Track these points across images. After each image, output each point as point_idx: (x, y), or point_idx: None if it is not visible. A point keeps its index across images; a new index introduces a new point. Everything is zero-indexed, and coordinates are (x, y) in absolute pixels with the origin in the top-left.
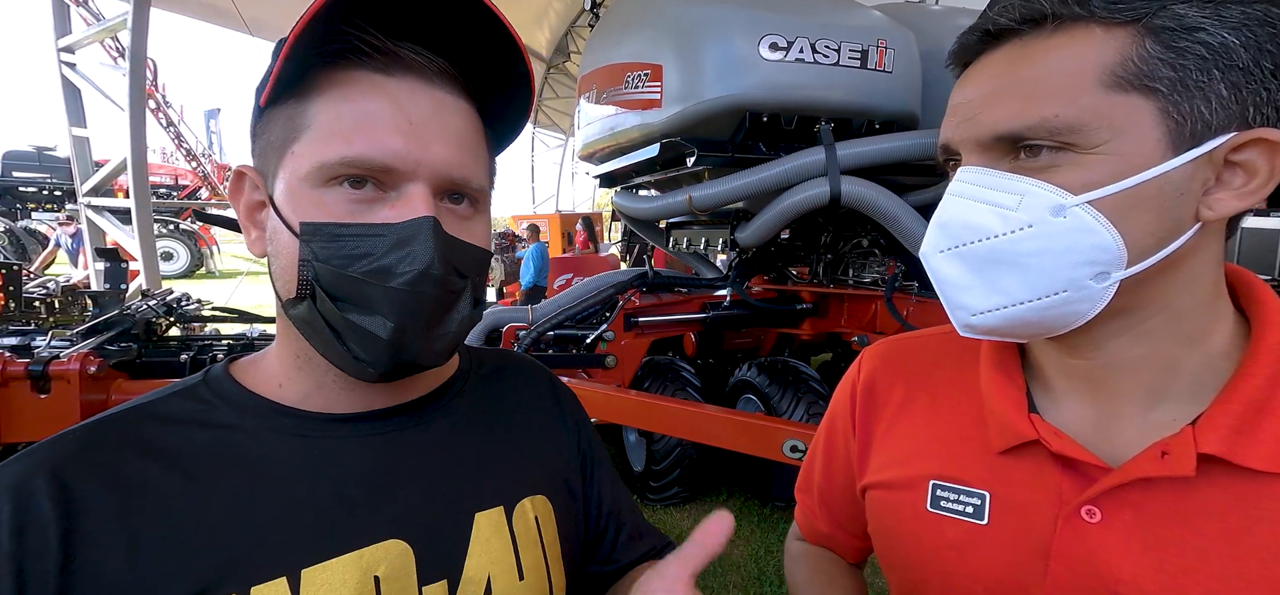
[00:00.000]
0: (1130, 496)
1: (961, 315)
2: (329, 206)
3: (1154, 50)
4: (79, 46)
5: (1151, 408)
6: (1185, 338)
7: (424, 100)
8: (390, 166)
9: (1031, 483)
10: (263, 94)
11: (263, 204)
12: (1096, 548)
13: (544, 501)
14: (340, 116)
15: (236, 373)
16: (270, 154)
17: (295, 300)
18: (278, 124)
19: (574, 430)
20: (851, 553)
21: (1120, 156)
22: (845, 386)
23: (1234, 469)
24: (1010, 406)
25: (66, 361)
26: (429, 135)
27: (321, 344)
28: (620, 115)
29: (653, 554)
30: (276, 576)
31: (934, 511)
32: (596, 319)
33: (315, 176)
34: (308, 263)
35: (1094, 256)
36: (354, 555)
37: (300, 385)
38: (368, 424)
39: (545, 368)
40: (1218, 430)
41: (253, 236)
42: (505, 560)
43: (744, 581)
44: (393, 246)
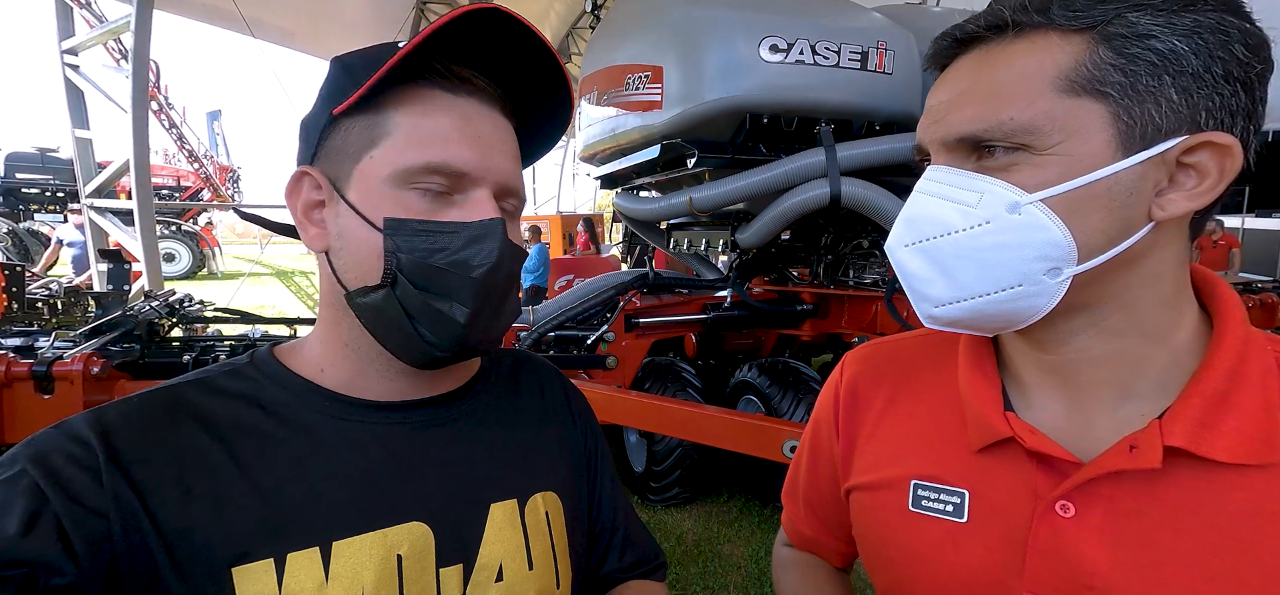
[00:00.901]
0: (1102, 490)
1: (925, 307)
2: (408, 205)
3: (1106, 56)
4: (82, 48)
5: (1121, 404)
6: (1148, 335)
7: (485, 119)
8: (464, 172)
9: (1009, 480)
10: (339, 105)
11: (322, 203)
12: (1071, 541)
13: (554, 498)
14: (420, 127)
15: (281, 356)
16: (343, 158)
17: (371, 288)
18: (354, 132)
19: (583, 432)
20: (837, 556)
21: (1072, 157)
22: (828, 390)
23: (1198, 461)
24: (987, 405)
25: (70, 362)
26: (493, 149)
27: (387, 330)
28: (621, 117)
29: (642, 565)
30: (310, 546)
31: (916, 511)
32: (597, 320)
33: (397, 179)
34: (392, 253)
35: (1046, 252)
36: (380, 533)
37: (342, 372)
38: (399, 412)
39: (557, 369)
40: (1182, 423)
41: (312, 233)
42: (517, 550)
43: (744, 582)
44: (469, 242)
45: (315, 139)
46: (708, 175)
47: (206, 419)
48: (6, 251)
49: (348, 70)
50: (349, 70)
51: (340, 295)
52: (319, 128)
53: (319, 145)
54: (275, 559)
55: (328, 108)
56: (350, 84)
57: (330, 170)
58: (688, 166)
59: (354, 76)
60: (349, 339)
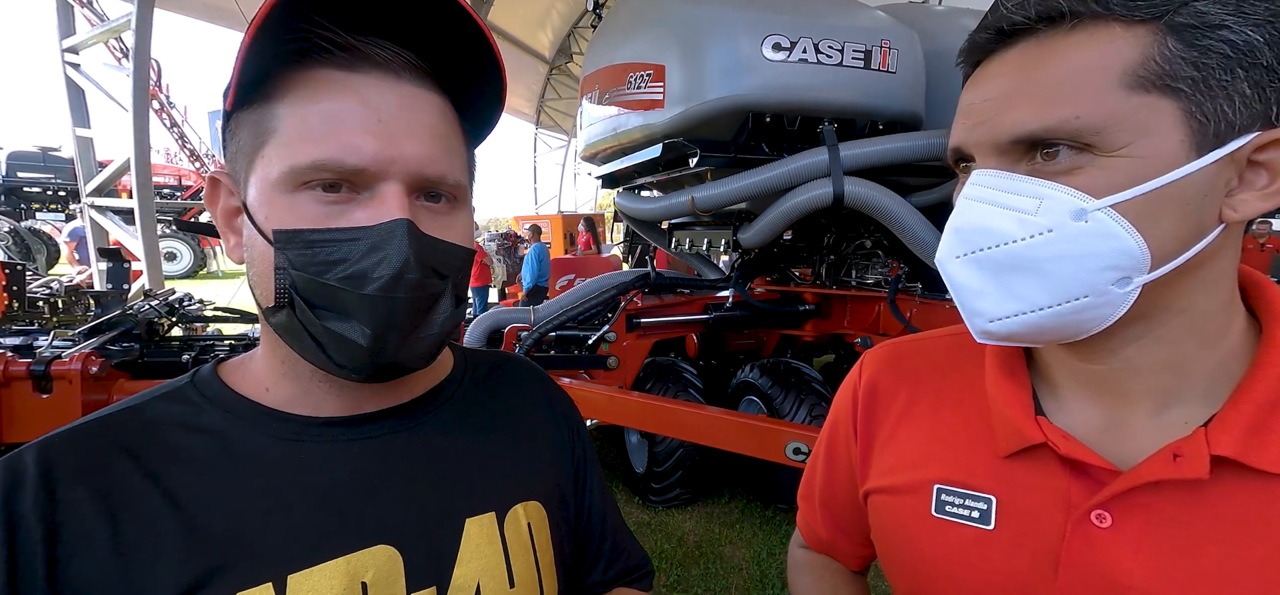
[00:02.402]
0: (1141, 500)
1: (979, 322)
2: (301, 211)
3: (1176, 49)
4: (83, 47)
5: (1162, 410)
6: (1202, 340)
7: (392, 96)
8: (361, 168)
9: (1039, 487)
10: (227, 98)
11: (238, 210)
12: (1106, 553)
13: (537, 508)
14: (306, 119)
15: (224, 374)
16: (241, 159)
17: (274, 309)
18: (245, 129)
19: (569, 436)
20: (853, 559)
21: (1143, 159)
22: (846, 390)
23: (1247, 471)
24: (1016, 409)
25: (68, 361)
26: (400, 133)
27: (303, 350)
28: (623, 116)
29: (630, 573)
30: (262, 582)
31: (939, 516)
32: (599, 320)
33: (286, 182)
34: (283, 270)
35: (1116, 261)
36: (342, 561)
37: (287, 389)
38: (356, 428)
39: (541, 370)
40: (1231, 432)
41: (232, 243)
42: (496, 567)
43: (746, 583)
44: (368, 251)
45: (223, 139)
46: (710, 175)
47: (139, 453)
48: (8, 250)
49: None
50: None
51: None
52: (224, 125)
53: (225, 146)
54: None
55: (226, 102)
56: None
57: (234, 173)
58: (690, 166)
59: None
60: (284, 354)
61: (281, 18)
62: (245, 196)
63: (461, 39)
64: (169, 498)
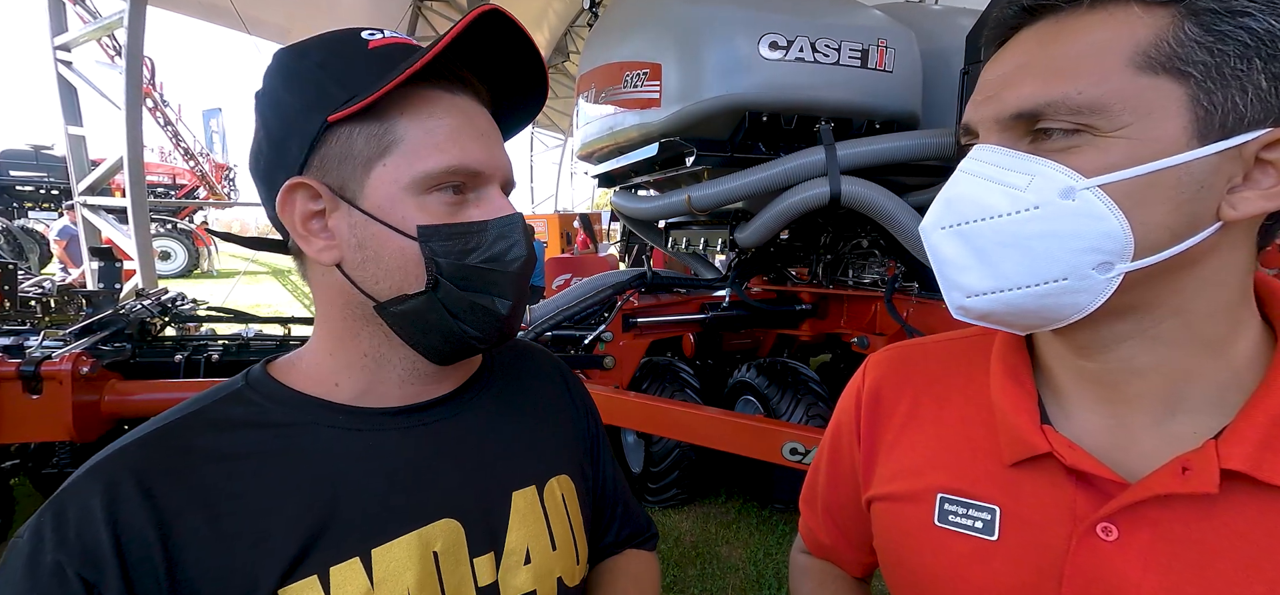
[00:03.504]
0: (1148, 514)
1: (956, 296)
2: (432, 209)
3: (1192, 33)
4: (75, 45)
5: (1168, 419)
6: (1202, 345)
7: (482, 115)
8: (479, 171)
9: (1044, 498)
10: (335, 112)
11: (321, 212)
12: (1112, 567)
13: (567, 480)
14: (432, 131)
15: (279, 375)
16: (350, 167)
17: (410, 296)
18: (360, 138)
19: (584, 414)
20: (856, 566)
21: (1140, 141)
22: (850, 394)
23: (1259, 486)
24: (1022, 417)
25: (58, 362)
26: (494, 144)
27: (426, 332)
28: (619, 115)
29: (638, 536)
30: (351, 557)
31: (942, 526)
32: (595, 320)
33: (419, 185)
34: (432, 260)
35: (1099, 244)
36: (415, 534)
37: (358, 383)
38: (410, 416)
39: (555, 356)
40: (1243, 445)
41: (318, 245)
42: (540, 533)
43: (742, 583)
44: (497, 238)
45: (305, 146)
46: (706, 174)
47: (217, 454)
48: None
49: (326, 69)
50: (327, 69)
51: (364, 307)
52: (310, 135)
53: (309, 155)
54: (319, 576)
55: (314, 113)
56: (335, 86)
57: (333, 179)
58: (686, 165)
59: (337, 78)
60: (368, 349)
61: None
62: (358, 199)
63: (525, 74)
64: (254, 490)
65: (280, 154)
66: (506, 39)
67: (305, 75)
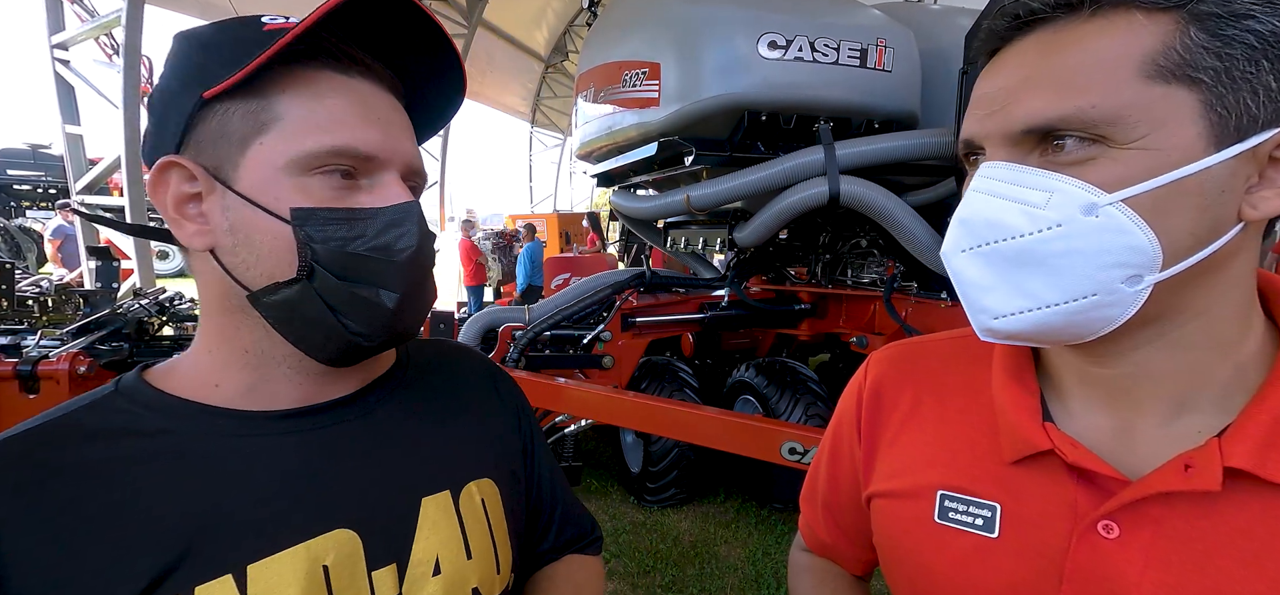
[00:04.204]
0: (1150, 511)
1: (983, 319)
2: (314, 193)
3: (1198, 38)
4: (73, 43)
5: (1174, 418)
6: (1218, 346)
7: (381, 100)
8: (372, 155)
9: (1045, 495)
10: (211, 88)
11: (197, 195)
12: (1113, 565)
13: (490, 484)
14: (314, 111)
15: (155, 380)
16: (224, 146)
17: (283, 284)
18: (236, 116)
19: (515, 414)
20: (856, 564)
21: (1158, 151)
22: (851, 392)
23: (1262, 484)
24: (1023, 414)
25: (55, 361)
26: (396, 130)
27: (304, 326)
28: (618, 114)
29: (580, 539)
30: (221, 575)
31: (941, 523)
32: (594, 319)
33: (297, 165)
34: (306, 245)
35: (1127, 258)
36: (301, 547)
37: (240, 382)
38: (309, 418)
39: (484, 356)
40: (1246, 443)
41: (190, 230)
42: (453, 541)
43: (741, 583)
44: (387, 227)
45: (181, 125)
46: (705, 173)
47: (76, 464)
48: None
49: (209, 49)
50: (210, 49)
51: (239, 297)
52: (185, 113)
53: (186, 132)
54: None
55: (192, 90)
56: (216, 64)
57: (208, 159)
58: (685, 164)
59: (220, 56)
60: (249, 344)
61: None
62: (232, 181)
63: (434, 57)
64: (113, 502)
65: (160, 136)
66: (417, 27)
67: (189, 57)
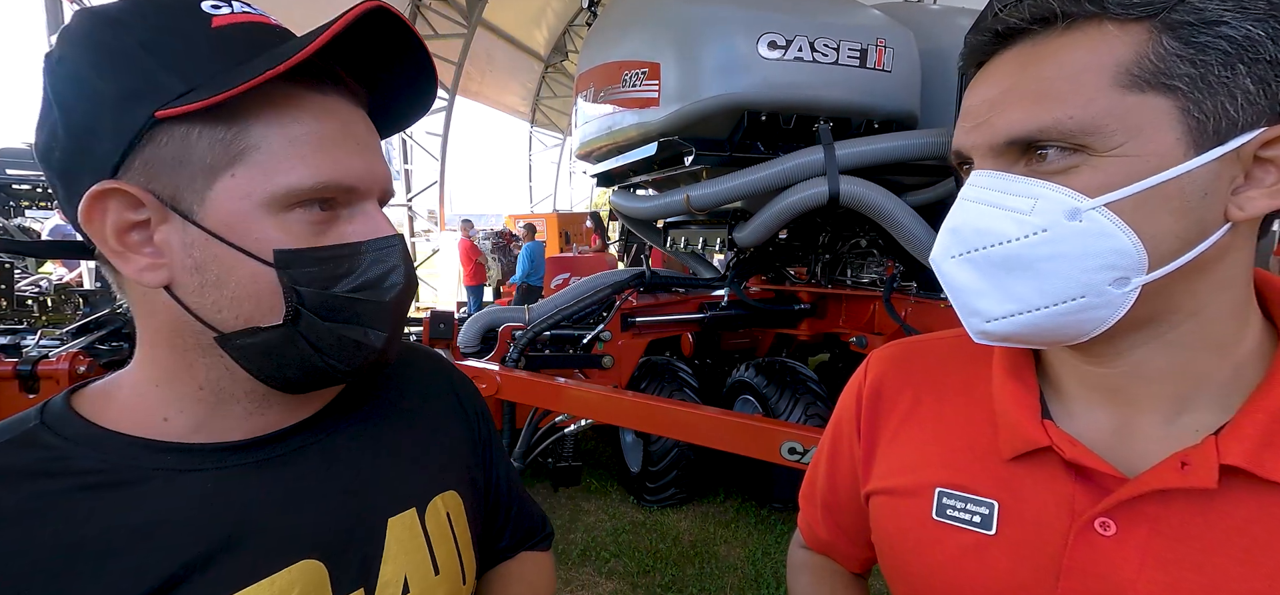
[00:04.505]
0: (1147, 509)
1: (975, 322)
2: (294, 229)
3: (1172, 47)
4: None
5: (1174, 418)
6: (1215, 345)
7: (356, 119)
8: (354, 186)
9: (1043, 492)
10: (167, 107)
11: (144, 223)
12: (1110, 562)
13: (454, 497)
14: (296, 140)
15: (87, 410)
16: (186, 174)
17: (263, 329)
18: (201, 142)
19: (474, 419)
20: (854, 561)
21: (1137, 158)
22: (851, 390)
23: (1259, 482)
24: (1022, 412)
25: (55, 361)
26: (373, 154)
27: (281, 366)
28: (618, 114)
29: (532, 536)
30: None
31: (940, 520)
32: (593, 319)
33: (279, 202)
34: (292, 290)
35: (1112, 261)
36: (265, 583)
37: (193, 416)
38: (266, 448)
39: (440, 356)
40: (1243, 441)
41: (139, 263)
42: (420, 559)
43: (741, 583)
44: (372, 263)
45: (123, 143)
46: (705, 173)
47: (7, 514)
48: None
49: (157, 53)
50: (159, 53)
51: (202, 336)
52: (130, 132)
53: (129, 152)
54: None
55: (139, 103)
56: (169, 75)
57: (162, 187)
58: (685, 164)
59: (174, 66)
60: (206, 381)
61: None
62: (195, 214)
63: (410, 70)
64: (49, 557)
65: (84, 149)
66: (390, 33)
67: (124, 55)
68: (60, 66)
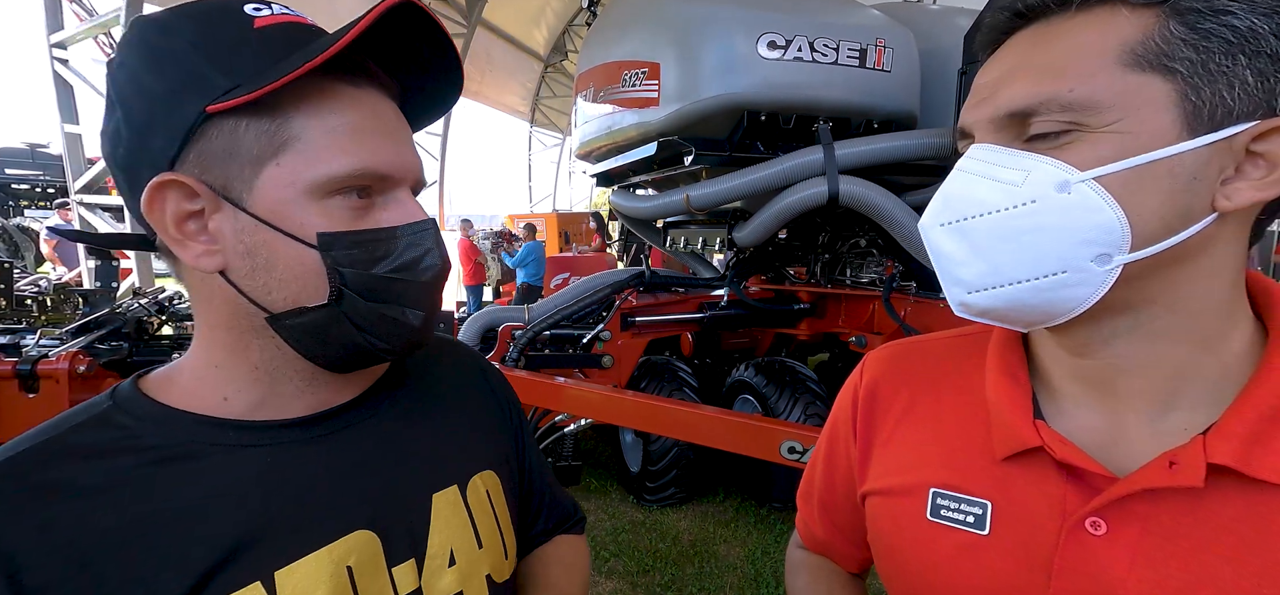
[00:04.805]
0: (1137, 508)
1: (957, 292)
2: (334, 215)
3: (1177, 31)
4: (72, 42)
5: (1163, 416)
6: (1199, 341)
7: (389, 110)
8: (388, 174)
9: (1035, 492)
10: (216, 102)
11: (200, 212)
12: (1101, 561)
13: (492, 475)
14: (334, 129)
15: (154, 391)
16: (235, 165)
17: (309, 309)
18: (248, 134)
19: (506, 405)
20: (851, 561)
21: (1130, 135)
22: (847, 391)
23: (1246, 481)
24: (1015, 411)
25: (55, 360)
26: (405, 143)
27: (327, 345)
28: (617, 114)
29: (565, 521)
30: (250, 583)
31: (934, 520)
32: (593, 319)
33: (320, 189)
34: (335, 271)
35: (1096, 236)
36: (325, 550)
37: (251, 395)
38: (320, 425)
39: (471, 348)
40: (1230, 440)
41: (196, 250)
42: (464, 533)
43: (741, 582)
44: (408, 246)
45: (178, 138)
46: (705, 173)
47: (80, 488)
48: None
49: (205, 52)
50: (207, 52)
51: (254, 317)
52: (183, 127)
53: (184, 146)
54: None
55: (191, 100)
56: (216, 72)
57: (214, 178)
58: (684, 164)
59: (222, 64)
60: (259, 361)
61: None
62: (245, 201)
63: (437, 65)
64: (126, 526)
65: (144, 145)
66: (418, 28)
67: (175, 56)
68: (120, 70)
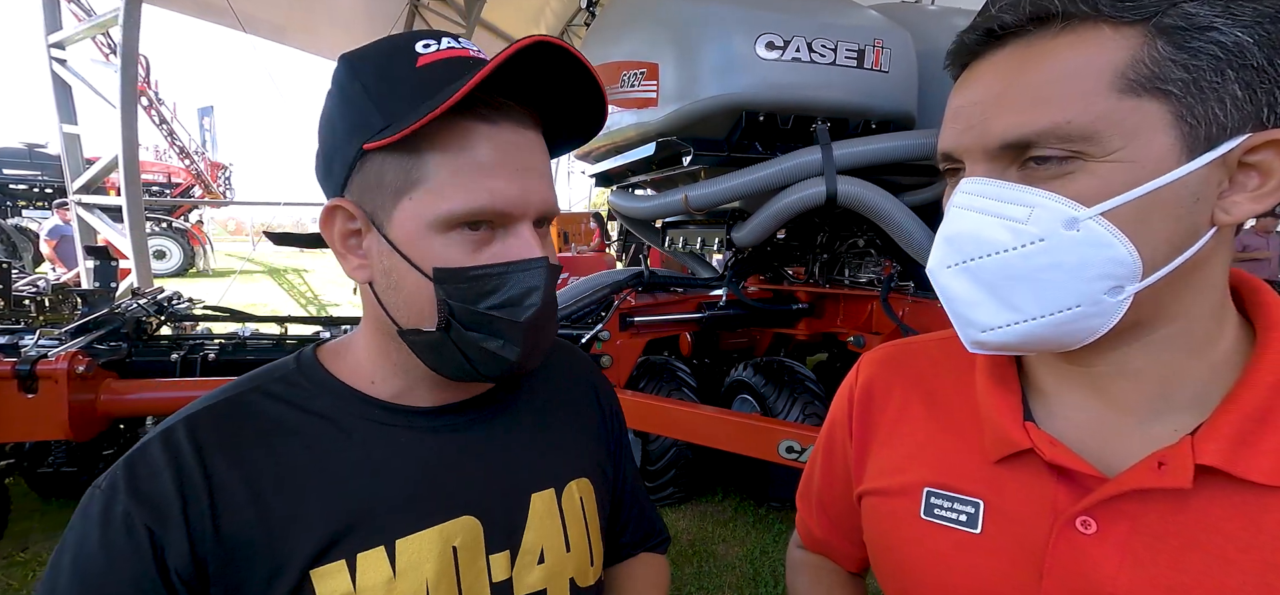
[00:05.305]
0: (1126, 508)
1: (971, 332)
2: (452, 249)
3: (1166, 51)
4: (70, 42)
5: (1153, 418)
6: (1193, 346)
7: (522, 144)
8: (505, 211)
9: (1026, 493)
10: (371, 141)
11: (358, 232)
12: (1091, 560)
13: (587, 484)
14: (460, 170)
15: (327, 362)
16: (380, 195)
17: (424, 331)
18: (390, 169)
19: (610, 419)
20: (850, 560)
21: (1133, 164)
22: (843, 392)
23: (1234, 481)
24: (1005, 414)
25: (54, 361)
26: (531, 178)
27: (442, 363)
28: (616, 114)
29: (650, 537)
30: (377, 545)
31: (927, 519)
32: (592, 319)
33: (441, 224)
34: (444, 303)
35: (1108, 270)
36: (436, 529)
37: (393, 385)
38: (445, 418)
39: (587, 357)
40: (1217, 441)
41: (353, 263)
42: (555, 535)
43: (739, 582)
44: (515, 284)
45: (345, 171)
46: (703, 173)
47: (270, 428)
48: None
49: (372, 94)
50: (373, 94)
51: (391, 327)
52: (349, 160)
53: (348, 176)
54: (347, 560)
55: (355, 138)
56: (376, 113)
57: (367, 204)
58: (683, 164)
59: (381, 104)
60: (398, 360)
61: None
62: (386, 229)
63: (580, 95)
64: (295, 471)
65: (330, 171)
66: (557, 62)
67: (353, 98)
68: (327, 102)
